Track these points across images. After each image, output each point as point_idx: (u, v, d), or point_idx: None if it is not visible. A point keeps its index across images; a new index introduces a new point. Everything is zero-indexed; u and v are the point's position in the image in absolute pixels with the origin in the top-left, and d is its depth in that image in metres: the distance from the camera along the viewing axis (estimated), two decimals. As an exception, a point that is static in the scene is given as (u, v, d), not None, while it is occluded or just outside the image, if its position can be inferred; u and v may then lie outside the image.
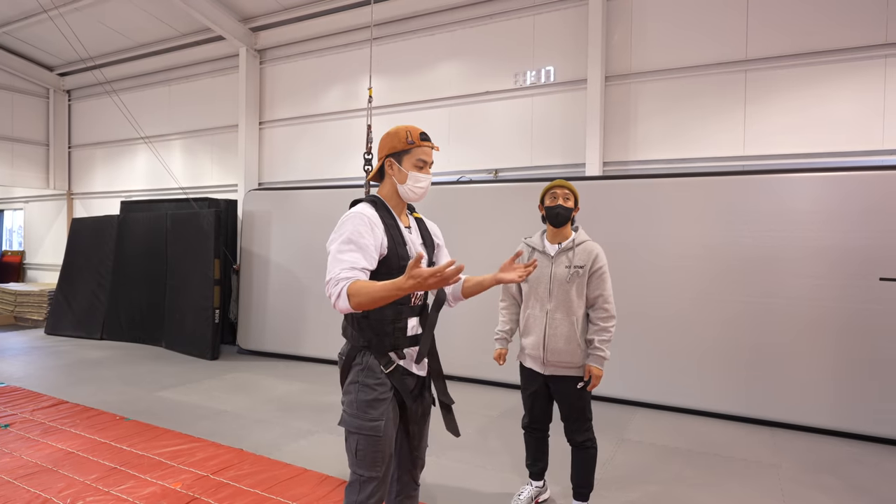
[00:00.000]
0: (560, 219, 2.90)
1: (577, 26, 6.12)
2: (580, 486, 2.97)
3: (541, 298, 2.91)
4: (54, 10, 7.83)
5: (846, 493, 3.44)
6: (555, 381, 2.91)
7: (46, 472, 3.51)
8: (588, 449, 2.93)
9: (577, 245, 2.92)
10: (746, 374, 4.81)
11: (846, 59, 5.01)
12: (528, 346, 2.96)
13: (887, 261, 4.40)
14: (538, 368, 2.93)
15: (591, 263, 2.87)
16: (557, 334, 2.84)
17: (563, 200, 2.90)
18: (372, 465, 2.05)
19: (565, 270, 2.87)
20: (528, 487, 3.18)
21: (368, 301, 1.81)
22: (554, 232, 2.97)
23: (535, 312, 2.92)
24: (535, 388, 2.99)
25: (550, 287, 2.88)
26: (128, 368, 6.60)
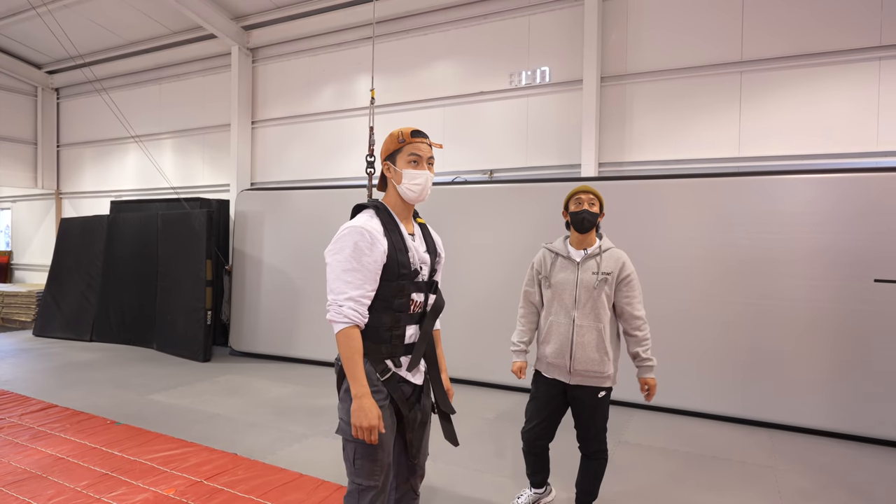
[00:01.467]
0: (586, 224, 2.81)
1: (573, 27, 6.10)
2: (586, 493, 2.93)
3: (566, 305, 2.81)
4: (42, 6, 7.70)
5: (842, 495, 3.44)
6: (577, 391, 2.82)
7: (35, 478, 3.44)
8: (600, 460, 2.89)
9: (604, 251, 2.85)
10: (743, 376, 4.81)
11: (840, 60, 5.03)
12: (550, 355, 2.84)
13: (882, 262, 4.42)
14: (563, 378, 2.83)
15: (620, 270, 2.81)
16: (585, 342, 2.75)
17: (588, 205, 2.82)
18: (370, 474, 2.02)
19: (592, 277, 2.78)
20: (527, 492, 3.14)
21: (342, 353, 1.96)
22: (579, 238, 2.86)
23: (560, 319, 2.82)
24: (552, 398, 2.88)
25: (577, 294, 2.79)
26: (118, 371, 6.51)
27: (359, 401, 1.90)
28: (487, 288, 5.73)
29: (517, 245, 5.69)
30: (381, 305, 2.05)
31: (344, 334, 1.95)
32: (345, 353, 1.94)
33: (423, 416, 2.22)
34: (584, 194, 2.84)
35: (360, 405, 1.90)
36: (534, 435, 2.95)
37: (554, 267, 2.88)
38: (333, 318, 1.96)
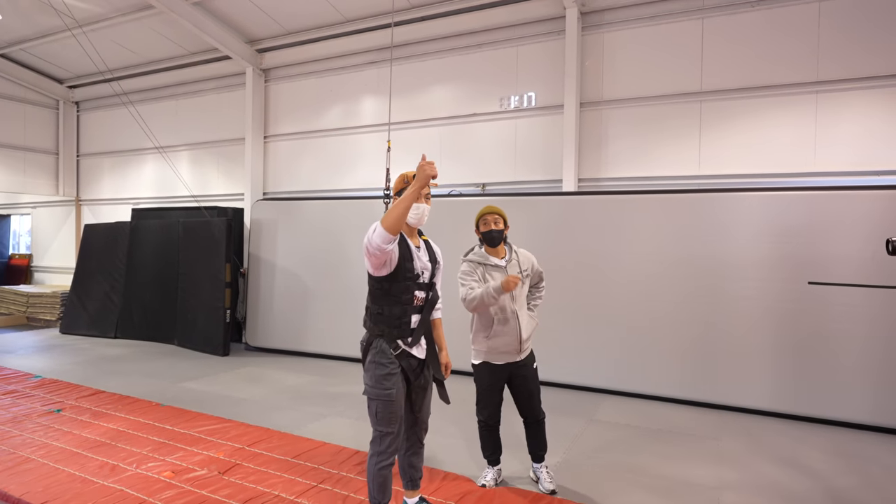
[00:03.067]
0: (496, 240, 3.47)
1: (556, 57, 6.87)
2: (541, 448, 3.62)
3: (506, 302, 3.40)
4: (77, 28, 8.43)
5: (769, 458, 4.21)
6: (520, 368, 3.50)
7: (106, 445, 4.17)
8: (544, 420, 3.61)
9: (518, 254, 3.56)
10: (698, 364, 5.59)
11: (784, 93, 5.82)
12: (502, 345, 3.44)
13: (814, 267, 5.20)
14: (513, 359, 3.47)
15: (532, 266, 3.60)
16: (526, 326, 3.49)
17: (493, 224, 3.44)
18: (388, 422, 2.78)
19: (518, 276, 3.36)
20: (490, 471, 3.66)
21: (394, 216, 2.58)
22: (492, 250, 3.50)
23: (506, 315, 3.41)
24: (500, 382, 3.52)
25: (513, 294, 3.42)
26: (147, 364, 7.23)
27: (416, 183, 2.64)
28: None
29: (506, 251, 6.44)
30: (393, 300, 2.82)
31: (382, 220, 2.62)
32: (392, 215, 2.58)
33: (425, 382, 2.99)
34: (490, 215, 3.46)
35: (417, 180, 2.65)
36: (492, 415, 3.58)
37: (485, 274, 3.45)
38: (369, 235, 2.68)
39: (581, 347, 6.05)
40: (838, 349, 5.09)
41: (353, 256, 7.49)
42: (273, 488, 3.47)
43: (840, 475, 3.93)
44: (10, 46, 10.10)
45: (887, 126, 5.44)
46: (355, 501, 3.33)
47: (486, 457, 3.70)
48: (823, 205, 5.24)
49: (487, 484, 3.61)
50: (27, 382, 6.02)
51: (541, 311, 3.77)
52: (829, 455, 4.31)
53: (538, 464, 3.66)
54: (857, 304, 5.05)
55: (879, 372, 4.94)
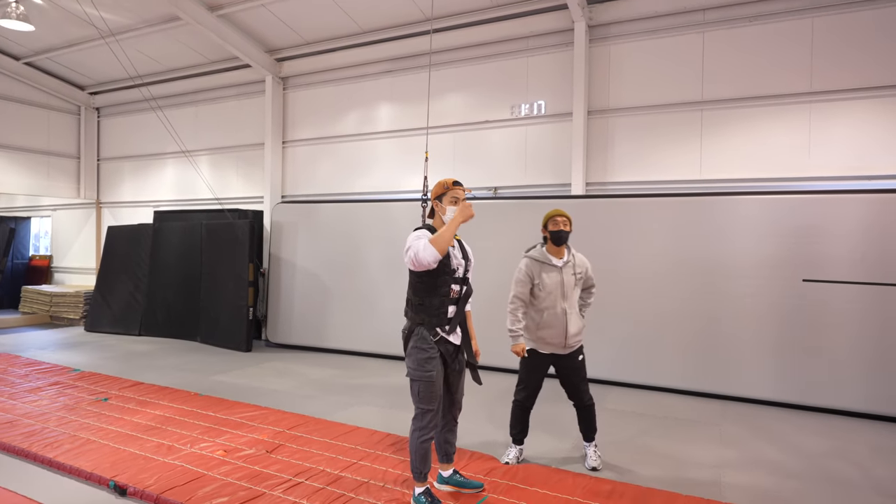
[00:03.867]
0: (563, 239, 3.89)
1: (564, 67, 7.25)
2: (591, 430, 3.99)
3: (557, 300, 3.82)
4: (111, 37, 8.84)
5: (769, 440, 4.58)
6: (566, 360, 3.90)
7: (157, 429, 4.55)
8: (593, 405, 4.00)
9: (574, 257, 3.96)
10: (702, 357, 5.96)
11: (780, 102, 6.20)
12: (548, 337, 3.83)
13: (809, 266, 5.57)
14: (559, 351, 3.87)
15: (585, 269, 4.01)
16: (574, 323, 3.85)
17: (563, 226, 3.87)
18: (429, 401, 3.16)
19: (572, 277, 3.88)
20: (513, 449, 4.03)
21: (444, 241, 3.04)
22: (556, 249, 3.92)
23: (556, 311, 3.80)
24: (543, 369, 3.92)
25: (564, 290, 3.84)
26: (175, 359, 7.60)
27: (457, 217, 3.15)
28: (491, 288, 6.84)
29: (518, 251, 6.81)
30: (433, 292, 3.19)
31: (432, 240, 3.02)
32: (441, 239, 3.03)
33: (460, 366, 3.37)
34: (560, 217, 3.89)
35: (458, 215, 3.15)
36: (529, 396, 3.98)
37: (542, 272, 3.87)
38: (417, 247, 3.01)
39: (590, 341, 6.38)
40: (831, 342, 5.46)
41: (370, 257, 7.87)
42: (318, 464, 3.84)
43: (832, 456, 4.30)
44: (36, 55, 10.49)
45: (877, 133, 5.82)
46: (393, 475, 3.70)
47: (513, 435, 4.06)
48: (817, 208, 5.61)
49: (510, 461, 3.98)
50: (69, 375, 6.39)
51: None
52: (822, 438, 4.68)
53: (587, 443, 4.01)
54: (849, 300, 5.43)
55: (869, 363, 5.32)
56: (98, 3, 8.25)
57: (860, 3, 5.88)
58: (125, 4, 8.45)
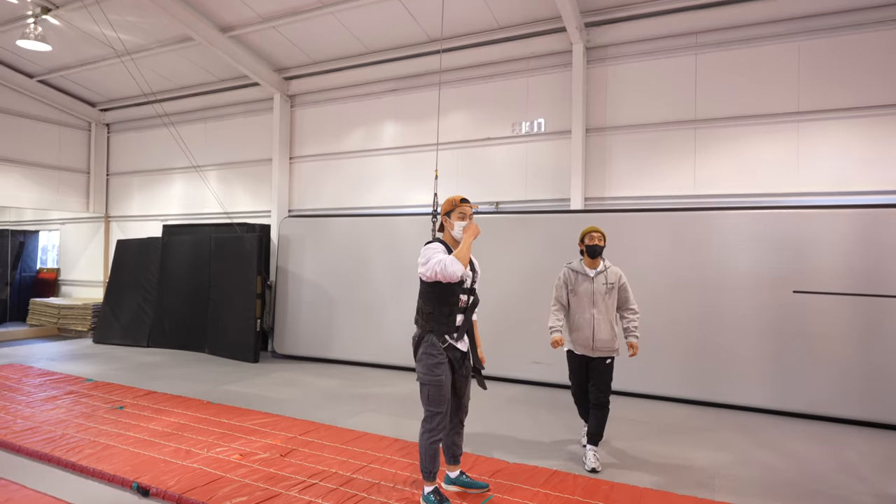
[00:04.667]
0: (597, 252, 4.32)
1: (564, 87, 7.54)
2: (597, 434, 4.22)
3: (586, 307, 4.25)
4: (127, 56, 9.15)
5: (758, 446, 4.77)
6: (595, 362, 4.27)
7: (174, 435, 4.73)
8: (606, 407, 4.25)
9: (608, 269, 4.35)
10: (697, 366, 6.15)
11: (770, 122, 6.46)
12: (578, 339, 4.28)
13: (798, 278, 5.80)
14: (588, 353, 4.27)
15: (618, 280, 4.34)
16: (602, 329, 4.21)
17: (598, 241, 4.31)
18: (438, 403, 3.36)
19: (603, 287, 4.27)
20: (590, 452, 4.19)
21: (464, 257, 3.32)
22: (591, 261, 4.36)
23: (585, 316, 4.25)
24: (580, 367, 4.36)
25: (594, 298, 4.26)
26: (184, 369, 7.78)
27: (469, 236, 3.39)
28: (494, 300, 7.06)
29: (520, 263, 7.07)
30: (443, 302, 3.41)
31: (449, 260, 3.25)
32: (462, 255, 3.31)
33: (466, 372, 3.58)
34: (595, 233, 4.34)
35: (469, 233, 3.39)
36: (578, 393, 4.48)
37: (577, 281, 4.34)
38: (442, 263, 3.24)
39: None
40: (822, 351, 5.67)
41: (375, 270, 8.09)
42: (330, 467, 4.03)
43: (822, 459, 4.49)
44: (50, 73, 10.80)
45: (860, 152, 6.09)
46: (402, 477, 3.89)
47: (582, 416, 4.56)
48: (806, 222, 5.85)
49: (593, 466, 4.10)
50: (82, 384, 6.57)
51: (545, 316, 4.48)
52: (813, 444, 4.87)
53: (590, 445, 4.25)
54: (837, 311, 5.64)
55: (858, 371, 5.52)
56: (116, 24, 8.57)
57: (845, 28, 6.18)
58: (142, 26, 8.77)
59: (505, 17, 7.53)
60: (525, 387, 6.85)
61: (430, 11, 7.60)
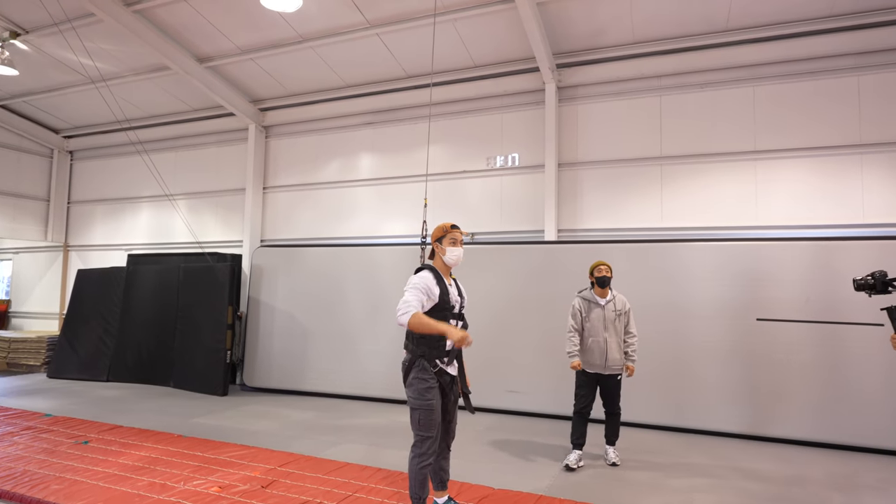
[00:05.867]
0: (606, 283, 4.94)
1: (537, 123, 7.86)
2: (613, 435, 5.01)
3: (599, 331, 4.87)
4: (99, 83, 9.04)
5: (728, 469, 4.92)
6: (607, 379, 4.91)
7: (146, 469, 4.55)
8: (619, 414, 5.00)
9: (616, 297, 4.99)
10: (666, 393, 6.33)
11: (729, 159, 6.90)
12: (591, 359, 4.87)
13: (761, 306, 6.10)
14: (601, 371, 4.87)
15: (624, 307, 5.00)
16: (613, 350, 4.85)
17: (606, 272, 4.93)
18: (429, 427, 3.39)
19: (613, 314, 4.91)
20: (574, 454, 4.87)
21: (419, 326, 3.27)
22: (601, 291, 4.96)
23: (598, 339, 4.86)
24: (591, 385, 4.92)
25: (605, 324, 4.87)
26: (149, 403, 7.49)
27: (448, 331, 3.27)
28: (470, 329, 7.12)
29: (496, 293, 7.19)
30: (433, 327, 3.46)
31: (416, 316, 3.27)
32: (421, 324, 3.25)
33: (455, 396, 3.62)
34: (603, 266, 4.97)
35: (449, 331, 3.27)
36: (585, 406, 4.92)
37: (589, 309, 4.95)
38: (406, 311, 3.27)
39: (559, 380, 6.71)
40: (784, 377, 5.94)
41: (351, 301, 8.07)
42: (315, 497, 3.95)
43: (788, 480, 4.67)
44: (13, 98, 10.55)
45: (813, 188, 6.55)
46: (389, 506, 3.85)
47: (573, 441, 4.95)
48: (765, 253, 6.21)
49: (570, 464, 4.78)
50: (41, 419, 6.25)
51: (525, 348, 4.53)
52: (780, 466, 5.06)
53: (609, 445, 5.02)
54: (798, 338, 5.94)
55: (818, 395, 5.79)
56: (90, 51, 8.51)
57: (797, 74, 6.71)
58: (116, 54, 8.73)
59: (481, 56, 7.86)
60: (501, 416, 6.88)
61: (408, 49, 7.86)
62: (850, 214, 6.43)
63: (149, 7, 7.63)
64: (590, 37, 7.28)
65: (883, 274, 2.88)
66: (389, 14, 7.36)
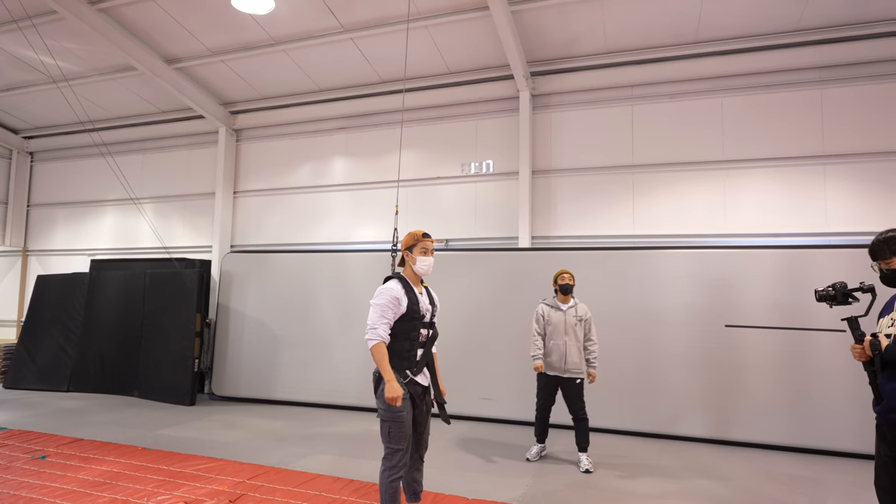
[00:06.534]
0: (569, 291, 5.22)
1: (511, 131, 7.90)
2: (583, 441, 5.07)
3: (560, 334, 5.12)
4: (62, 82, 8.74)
5: (697, 474, 4.99)
6: (567, 382, 5.10)
7: (107, 485, 4.37)
8: (585, 420, 5.07)
9: (577, 305, 5.26)
10: (636, 398, 6.39)
11: (699, 168, 7.04)
12: (552, 362, 5.14)
13: (730, 312, 6.22)
14: (560, 374, 5.11)
15: (585, 314, 5.25)
16: (572, 354, 5.09)
17: (569, 280, 5.23)
18: (399, 440, 3.33)
19: (574, 318, 5.16)
20: (536, 447, 5.30)
21: (377, 358, 3.27)
22: (563, 298, 5.26)
23: (558, 343, 5.13)
24: (550, 386, 5.17)
25: (566, 328, 5.13)
26: (113, 414, 7.23)
27: (389, 383, 3.23)
28: (443, 336, 7.08)
29: (469, 300, 7.17)
30: (403, 336, 3.42)
31: (377, 347, 3.26)
32: (378, 357, 3.25)
33: (427, 407, 3.57)
34: (566, 274, 5.26)
35: (390, 385, 3.22)
36: (544, 406, 5.24)
37: (551, 314, 5.22)
38: (371, 337, 3.26)
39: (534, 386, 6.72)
40: (751, 381, 6.06)
41: (323, 307, 7.94)
42: (285, 511, 3.85)
43: (754, 483, 4.75)
44: (-31, 97, 10.13)
45: (779, 197, 6.72)
46: (361, 519, 3.77)
47: (536, 435, 5.35)
48: (732, 261, 6.34)
49: (531, 458, 5.25)
50: (-5, 433, 5.96)
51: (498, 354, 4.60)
52: (748, 470, 5.15)
53: (581, 452, 5.10)
54: (765, 343, 6.08)
55: (784, 399, 5.93)
56: (52, 49, 8.22)
57: (764, 87, 6.90)
58: (80, 53, 8.46)
59: (456, 63, 7.86)
60: (475, 423, 6.85)
61: (382, 54, 7.82)
62: (814, 223, 6.62)
63: (114, 6, 7.42)
64: (563, 45, 7.35)
65: (843, 285, 2.95)
66: (364, 19, 7.31)
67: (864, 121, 6.56)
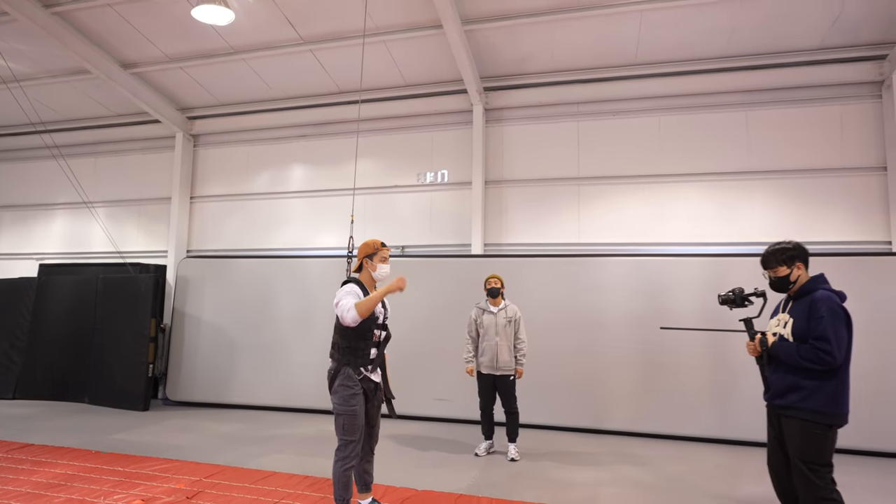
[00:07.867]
0: (496, 293, 5.57)
1: (465, 142, 8.25)
2: (513, 433, 5.54)
3: (491, 335, 5.50)
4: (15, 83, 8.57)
5: (631, 465, 5.42)
6: (500, 379, 5.49)
7: (62, 486, 4.43)
8: (516, 413, 5.52)
9: (507, 307, 5.59)
10: (579, 396, 6.82)
11: (638, 182, 7.56)
12: (485, 362, 5.51)
13: (663, 315, 6.72)
14: (493, 372, 5.49)
15: (515, 315, 5.58)
16: (503, 353, 5.45)
17: (495, 283, 5.57)
18: (353, 432, 3.59)
19: (504, 320, 5.50)
20: (484, 444, 5.66)
21: (367, 307, 3.51)
22: (493, 301, 5.60)
23: (490, 343, 5.49)
24: (489, 385, 5.54)
25: (497, 329, 5.48)
26: (63, 420, 7.15)
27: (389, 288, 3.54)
28: (398, 339, 7.33)
29: (424, 305, 7.45)
30: (359, 336, 3.69)
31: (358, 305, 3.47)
32: (366, 303, 3.49)
33: (378, 402, 3.85)
34: (493, 279, 5.59)
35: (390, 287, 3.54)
36: (486, 404, 5.62)
37: (482, 316, 5.59)
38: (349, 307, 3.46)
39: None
40: (683, 379, 6.57)
41: (280, 312, 8.08)
42: (241, 505, 4.03)
43: (685, 473, 5.21)
44: None
45: (709, 209, 7.30)
46: (315, 511, 3.99)
47: (483, 432, 5.73)
48: (667, 267, 6.85)
49: (480, 453, 5.58)
50: (-61, 441, 5.86)
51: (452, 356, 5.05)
52: (677, 461, 5.61)
53: (510, 443, 5.55)
54: (697, 343, 6.60)
55: (710, 395, 6.45)
56: (2, 50, 8.09)
57: (696, 107, 7.49)
58: (30, 55, 8.35)
59: (412, 76, 8.18)
60: (430, 423, 7.13)
61: (341, 65, 8.06)
62: (740, 233, 7.22)
63: (70, 10, 7.40)
64: (515, 63, 7.77)
65: (741, 290, 3.38)
66: (322, 32, 7.54)
67: (786, 140, 7.21)
